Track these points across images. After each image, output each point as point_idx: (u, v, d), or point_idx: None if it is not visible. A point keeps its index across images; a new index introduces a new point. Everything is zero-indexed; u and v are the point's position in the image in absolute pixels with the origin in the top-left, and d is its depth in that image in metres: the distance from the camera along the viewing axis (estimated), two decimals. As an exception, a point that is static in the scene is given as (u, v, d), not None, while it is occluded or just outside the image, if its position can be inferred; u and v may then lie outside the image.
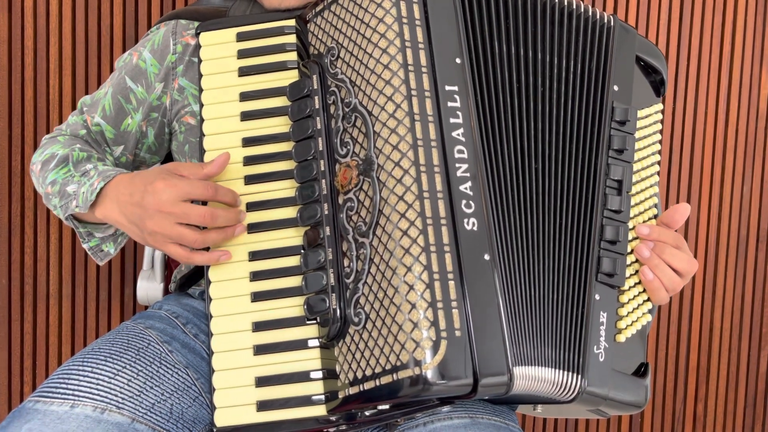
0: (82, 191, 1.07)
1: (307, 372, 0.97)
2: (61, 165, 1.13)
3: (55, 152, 1.15)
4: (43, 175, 1.14)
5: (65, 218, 1.13)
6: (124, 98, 1.20)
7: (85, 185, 1.07)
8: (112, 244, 1.17)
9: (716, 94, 1.93)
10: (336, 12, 1.02)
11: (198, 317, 1.19)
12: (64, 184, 1.11)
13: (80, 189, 1.08)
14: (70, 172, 1.11)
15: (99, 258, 1.18)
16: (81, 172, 1.10)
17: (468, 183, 0.93)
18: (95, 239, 1.16)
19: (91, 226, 1.15)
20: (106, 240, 1.16)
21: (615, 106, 1.04)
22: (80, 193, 1.07)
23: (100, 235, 1.16)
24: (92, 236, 1.16)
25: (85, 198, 1.06)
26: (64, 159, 1.13)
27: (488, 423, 1.01)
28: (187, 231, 0.98)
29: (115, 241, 1.17)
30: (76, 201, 1.08)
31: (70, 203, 1.09)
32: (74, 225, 1.13)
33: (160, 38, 1.20)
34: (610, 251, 1.00)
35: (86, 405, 0.98)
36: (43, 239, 1.80)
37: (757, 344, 2.02)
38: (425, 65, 0.95)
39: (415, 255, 0.88)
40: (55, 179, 1.12)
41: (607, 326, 0.98)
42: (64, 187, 1.10)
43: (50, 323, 1.82)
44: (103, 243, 1.16)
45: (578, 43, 1.06)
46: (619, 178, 1.02)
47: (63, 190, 1.10)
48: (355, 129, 0.96)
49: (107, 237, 1.16)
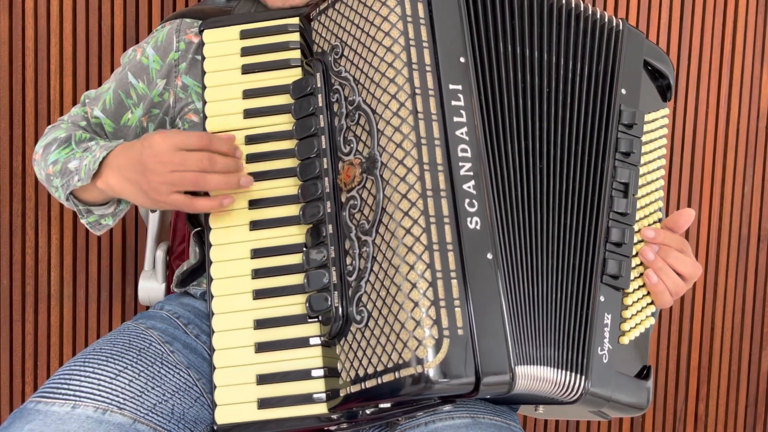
0: (84, 164, 1.08)
1: (308, 370, 0.97)
2: (64, 145, 1.15)
3: (58, 136, 1.17)
4: (45, 158, 1.16)
5: (66, 198, 1.14)
6: (125, 93, 1.20)
7: (87, 158, 1.08)
8: (111, 218, 1.19)
9: (717, 94, 1.93)
10: (340, 10, 1.02)
11: (199, 318, 1.19)
12: (66, 162, 1.12)
13: (82, 162, 1.09)
14: (72, 151, 1.13)
15: (97, 230, 1.20)
16: (83, 149, 1.12)
17: (471, 182, 0.93)
18: (94, 215, 1.18)
19: (92, 205, 1.16)
20: (104, 216, 1.18)
21: (622, 110, 1.04)
22: (82, 166, 1.08)
23: (100, 213, 1.17)
24: (91, 213, 1.18)
25: (87, 169, 1.07)
26: (66, 140, 1.15)
27: (490, 423, 1.01)
28: (187, 173, 0.98)
29: (114, 216, 1.19)
30: (78, 175, 1.09)
31: (72, 179, 1.10)
32: (74, 203, 1.15)
33: (163, 35, 1.20)
34: (615, 253, 1.00)
35: (87, 405, 0.98)
36: (44, 240, 1.80)
37: (758, 344, 2.02)
38: (429, 64, 0.95)
39: (418, 253, 0.88)
40: (57, 159, 1.13)
41: (611, 328, 0.98)
42: (66, 165, 1.12)
43: (51, 324, 1.82)
44: (101, 218, 1.19)
45: (585, 46, 1.06)
46: (625, 180, 1.02)
47: (65, 168, 1.12)
48: (359, 127, 0.96)
49: (106, 214, 1.18)
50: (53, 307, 1.81)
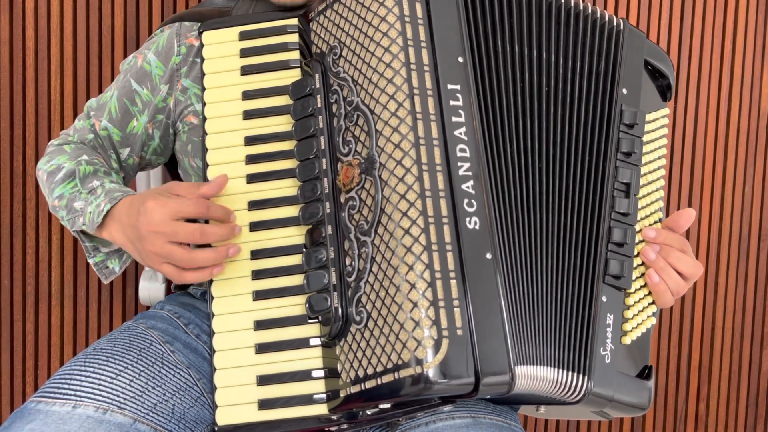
0: (89, 210, 1.07)
1: (308, 371, 0.97)
2: (68, 180, 1.13)
3: (62, 164, 1.15)
4: (50, 187, 1.14)
5: (72, 231, 1.13)
6: (130, 101, 1.20)
7: (92, 204, 1.07)
8: (117, 261, 1.16)
9: (717, 94, 1.93)
10: (338, 11, 1.02)
11: (200, 317, 1.20)
12: (71, 199, 1.11)
13: (87, 208, 1.08)
14: (77, 188, 1.11)
15: (104, 276, 1.17)
16: (88, 189, 1.10)
17: (470, 182, 0.93)
18: (101, 254, 1.15)
19: (97, 240, 1.15)
20: (111, 256, 1.16)
21: (624, 110, 1.04)
22: (87, 212, 1.07)
23: (106, 250, 1.15)
24: (98, 251, 1.15)
25: (91, 219, 1.06)
26: (70, 174, 1.13)
27: (490, 423, 1.01)
28: (177, 249, 0.97)
29: (120, 258, 1.16)
30: (83, 219, 1.08)
31: (77, 219, 1.09)
32: (81, 239, 1.13)
33: (164, 40, 1.20)
34: (617, 253, 1.00)
35: (88, 405, 0.98)
36: (45, 240, 1.80)
37: (759, 343, 2.02)
38: (427, 64, 0.95)
39: (417, 253, 0.88)
40: (62, 194, 1.12)
41: (614, 328, 0.98)
42: (72, 203, 1.10)
43: (52, 324, 1.82)
44: (108, 259, 1.16)
45: (585, 45, 1.06)
46: (627, 180, 1.02)
47: (70, 205, 1.11)
48: (357, 128, 0.96)
49: (112, 252, 1.16)
50: (53, 307, 1.81)
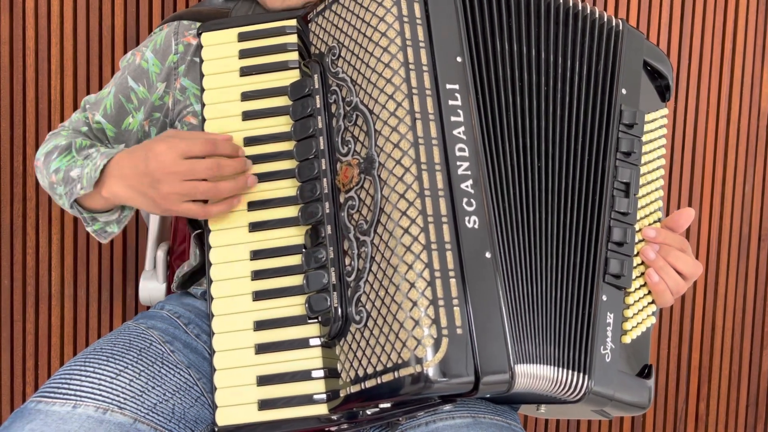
0: (85, 172, 1.08)
1: (308, 371, 0.97)
2: (65, 153, 1.14)
3: (58, 143, 1.16)
4: (47, 166, 1.15)
5: (70, 206, 1.14)
6: (125, 98, 1.20)
7: (88, 166, 1.08)
8: (116, 225, 1.18)
9: (717, 93, 1.93)
10: (337, 11, 1.02)
11: (200, 317, 1.20)
12: (67, 170, 1.12)
13: (84, 170, 1.09)
14: (73, 159, 1.13)
15: (103, 238, 1.19)
16: (84, 156, 1.12)
17: (469, 181, 0.93)
18: (99, 223, 1.17)
19: (96, 212, 1.15)
20: (109, 223, 1.18)
21: (623, 110, 1.04)
22: (84, 174, 1.08)
23: (104, 220, 1.17)
24: (96, 220, 1.17)
25: (89, 177, 1.07)
26: (66, 147, 1.15)
27: (490, 422, 1.01)
28: (199, 183, 0.99)
29: (119, 222, 1.18)
30: (80, 183, 1.09)
31: (75, 187, 1.10)
32: (78, 211, 1.14)
33: (162, 38, 1.20)
34: (617, 253, 1.00)
35: (88, 405, 0.98)
36: (45, 240, 1.80)
37: (759, 343, 2.02)
38: (426, 64, 0.95)
39: (416, 253, 0.88)
40: (58, 167, 1.13)
41: (614, 327, 0.98)
42: (68, 173, 1.11)
43: (52, 324, 1.82)
44: (106, 225, 1.18)
45: (584, 45, 1.06)
46: (627, 180, 1.02)
47: (67, 176, 1.11)
48: (357, 127, 0.96)
49: (111, 221, 1.17)
50: (54, 307, 1.82)
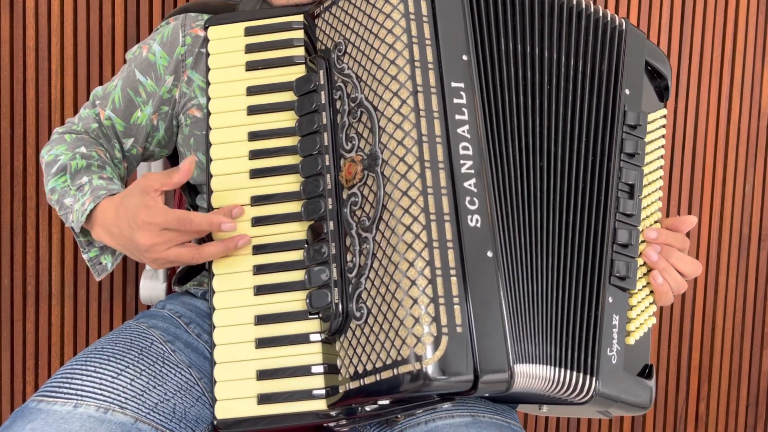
0: (75, 208, 1.07)
1: (308, 366, 0.97)
2: (60, 173, 1.13)
3: (58, 156, 1.15)
4: (46, 179, 1.15)
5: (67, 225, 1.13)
6: (134, 91, 1.20)
7: (78, 202, 1.07)
8: (110, 257, 1.15)
9: (718, 93, 1.93)
10: (344, 7, 1.02)
11: (201, 317, 1.19)
12: (62, 195, 1.11)
13: (74, 205, 1.08)
14: (66, 183, 1.12)
15: (97, 272, 1.16)
16: (76, 186, 1.10)
17: (472, 180, 0.93)
18: (95, 249, 1.15)
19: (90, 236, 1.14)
20: (104, 251, 1.16)
21: (627, 110, 1.04)
22: (74, 210, 1.08)
23: (99, 245, 1.15)
24: (92, 246, 1.15)
25: (77, 218, 1.06)
26: (63, 168, 1.13)
27: (490, 422, 1.01)
28: (184, 250, 0.98)
29: (112, 255, 1.16)
30: (72, 216, 1.08)
31: (68, 216, 1.10)
32: (75, 234, 1.13)
33: (169, 31, 1.20)
34: (622, 254, 1.00)
35: (89, 405, 0.98)
36: (45, 239, 1.80)
37: (759, 343, 2.02)
38: (431, 62, 0.95)
39: (417, 250, 0.88)
40: (54, 187, 1.13)
41: (619, 329, 0.98)
42: (62, 199, 1.11)
43: (52, 323, 1.82)
44: (102, 254, 1.16)
45: (588, 44, 1.06)
46: (631, 182, 1.02)
47: (61, 201, 1.11)
48: (361, 124, 0.97)
49: (105, 248, 1.15)
50: (54, 307, 1.81)
